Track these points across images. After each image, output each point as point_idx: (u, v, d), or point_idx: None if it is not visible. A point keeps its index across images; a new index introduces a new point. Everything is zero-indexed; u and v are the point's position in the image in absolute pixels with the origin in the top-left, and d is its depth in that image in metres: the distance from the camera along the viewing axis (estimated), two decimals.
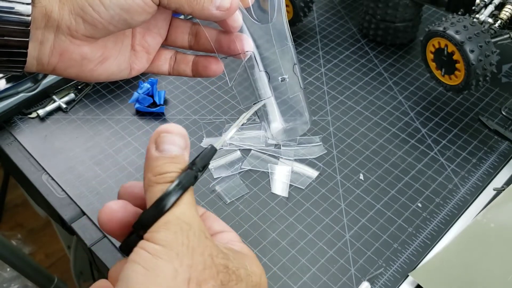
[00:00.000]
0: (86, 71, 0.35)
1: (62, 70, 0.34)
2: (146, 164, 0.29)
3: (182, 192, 0.28)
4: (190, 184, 0.28)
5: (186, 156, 0.29)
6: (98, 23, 0.32)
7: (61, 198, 0.54)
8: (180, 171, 0.28)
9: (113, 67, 0.36)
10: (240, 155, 0.56)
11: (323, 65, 0.67)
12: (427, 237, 0.49)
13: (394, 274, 0.46)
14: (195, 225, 0.28)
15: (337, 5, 0.77)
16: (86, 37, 0.33)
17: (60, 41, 0.33)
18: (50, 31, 0.32)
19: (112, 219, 0.29)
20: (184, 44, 0.39)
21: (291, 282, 0.46)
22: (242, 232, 0.50)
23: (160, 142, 0.29)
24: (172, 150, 0.29)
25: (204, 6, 0.33)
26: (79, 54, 0.34)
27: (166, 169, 0.28)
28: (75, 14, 0.31)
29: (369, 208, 0.51)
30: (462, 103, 0.61)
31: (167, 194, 0.27)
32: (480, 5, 0.56)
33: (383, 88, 0.64)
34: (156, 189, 0.28)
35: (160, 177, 0.28)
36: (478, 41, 0.51)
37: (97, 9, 0.31)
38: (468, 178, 0.53)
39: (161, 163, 0.28)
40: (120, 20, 0.32)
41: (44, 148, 0.58)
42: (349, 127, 0.59)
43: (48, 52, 0.33)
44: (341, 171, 0.55)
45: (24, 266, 0.85)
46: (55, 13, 0.31)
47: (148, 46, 0.38)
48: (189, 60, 0.39)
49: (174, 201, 0.27)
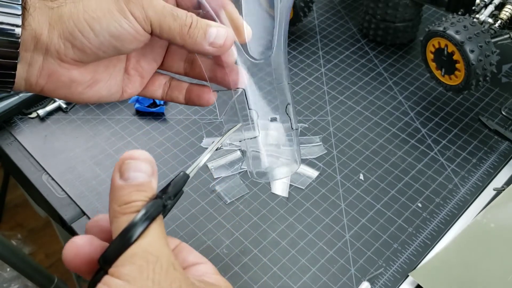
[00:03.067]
0: (75, 93, 0.35)
1: (51, 91, 0.34)
2: (110, 194, 0.28)
3: (150, 222, 0.26)
4: (158, 213, 0.27)
5: (153, 183, 0.28)
6: (87, 48, 0.32)
7: (61, 198, 0.54)
8: (147, 199, 0.27)
9: (103, 90, 0.36)
10: (240, 155, 0.56)
11: (323, 65, 0.67)
12: (427, 237, 0.49)
13: (394, 274, 0.46)
14: (163, 256, 0.26)
15: (337, 5, 0.77)
16: (75, 61, 0.33)
17: (49, 64, 0.32)
18: (38, 53, 0.32)
19: (78, 254, 0.28)
20: (179, 70, 0.39)
21: (291, 282, 0.46)
22: (242, 232, 0.50)
23: (124, 170, 0.28)
24: (138, 178, 0.27)
25: (197, 41, 0.33)
26: (68, 77, 0.33)
27: (132, 198, 0.27)
28: (64, 38, 0.31)
29: (369, 208, 0.51)
30: (462, 103, 0.61)
31: (133, 225, 0.26)
32: (480, 5, 0.56)
33: (383, 88, 0.64)
34: (122, 220, 0.26)
35: (125, 207, 0.27)
36: (478, 41, 0.51)
37: (87, 35, 0.31)
38: (468, 178, 0.53)
39: (126, 192, 0.27)
40: (110, 47, 0.32)
41: (44, 148, 0.58)
42: (349, 127, 0.59)
43: (37, 73, 0.33)
44: (341, 171, 0.55)
45: (24, 266, 0.84)
46: (44, 36, 0.31)
47: (143, 71, 0.38)
48: (183, 87, 0.39)
49: (140, 232, 0.26)
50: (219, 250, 0.48)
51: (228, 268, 0.47)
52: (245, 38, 0.36)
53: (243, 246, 0.49)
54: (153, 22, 0.32)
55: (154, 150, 0.58)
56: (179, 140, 0.59)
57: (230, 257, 0.48)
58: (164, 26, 0.32)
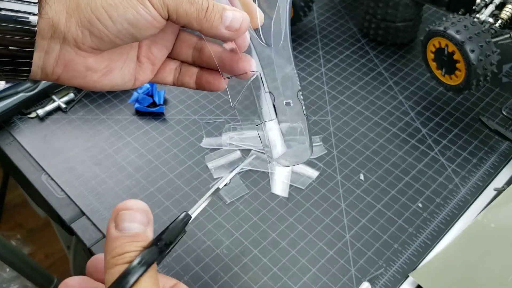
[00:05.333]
0: (90, 82, 0.35)
1: (66, 80, 0.34)
2: (105, 245, 0.28)
3: (145, 269, 0.27)
4: (154, 261, 0.27)
5: (149, 232, 0.29)
6: (105, 36, 0.32)
7: (60, 198, 0.54)
8: (141, 249, 0.27)
9: (118, 78, 0.36)
10: (240, 155, 0.56)
11: (323, 65, 0.67)
12: (427, 238, 0.48)
13: (394, 275, 0.46)
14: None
15: (338, 5, 0.77)
16: (92, 49, 0.33)
17: (66, 52, 0.32)
18: (56, 42, 0.32)
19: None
20: (188, 58, 0.39)
21: (291, 282, 0.46)
22: (242, 232, 0.50)
23: (119, 221, 0.28)
24: (132, 228, 0.28)
25: (214, 25, 0.33)
26: (84, 65, 0.33)
27: (125, 249, 0.27)
28: (82, 26, 0.31)
29: (370, 208, 0.51)
30: (463, 103, 0.61)
31: (127, 273, 0.26)
32: (480, 5, 0.56)
33: (383, 88, 0.64)
34: (114, 271, 0.27)
35: (118, 258, 0.27)
36: (478, 41, 0.51)
37: (105, 23, 0.31)
38: (469, 178, 0.53)
39: (120, 243, 0.27)
40: (127, 34, 0.32)
41: (44, 148, 0.58)
42: (349, 127, 0.59)
43: (53, 62, 0.33)
44: (341, 171, 0.55)
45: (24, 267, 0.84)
46: (61, 25, 0.31)
47: (154, 58, 0.38)
48: (193, 72, 0.39)
49: (134, 281, 0.26)
50: (219, 251, 0.48)
51: (228, 269, 0.47)
52: (257, 23, 0.36)
53: (243, 247, 0.49)
54: (170, 8, 0.32)
55: (153, 150, 0.57)
56: (179, 140, 0.59)
57: (230, 257, 0.48)
58: (181, 11, 0.32)
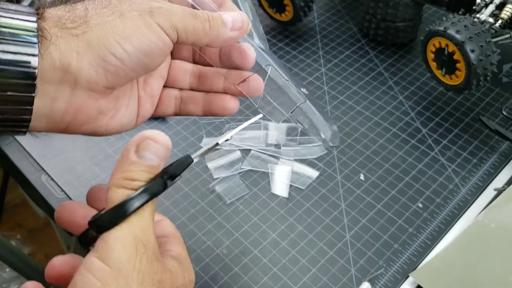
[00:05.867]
0: (102, 126, 0.33)
1: (76, 127, 0.32)
2: (119, 163, 0.28)
3: (147, 199, 0.27)
4: (158, 192, 0.28)
5: (161, 167, 0.29)
6: (121, 71, 0.30)
7: (60, 198, 0.54)
8: (149, 180, 0.28)
9: (124, 118, 0.35)
10: (240, 155, 0.56)
11: (323, 65, 0.67)
12: (427, 238, 0.48)
13: (394, 275, 0.46)
14: (150, 247, 0.27)
15: (338, 5, 0.77)
16: (105, 89, 0.31)
17: (77, 96, 0.30)
18: (65, 86, 0.29)
19: (71, 213, 0.32)
20: (184, 85, 0.38)
21: (291, 282, 0.46)
22: (242, 232, 0.50)
23: (142, 148, 0.28)
24: (152, 161, 0.28)
25: (220, 31, 0.33)
26: (96, 108, 0.32)
27: (137, 177, 0.28)
28: (96, 65, 0.29)
29: (370, 209, 0.51)
30: (463, 103, 0.61)
31: (132, 198, 0.27)
32: (480, 5, 0.56)
33: (383, 88, 0.64)
34: (120, 192, 0.27)
35: (128, 182, 0.27)
36: (478, 41, 0.51)
37: (120, 57, 0.30)
38: (469, 178, 0.53)
39: (135, 169, 0.28)
40: (141, 65, 0.31)
41: (44, 148, 0.58)
42: (349, 127, 0.59)
43: (62, 108, 0.30)
44: (341, 171, 0.55)
45: (24, 267, 0.84)
46: (73, 67, 0.29)
47: (151, 89, 0.37)
48: (198, 99, 0.37)
49: (137, 207, 0.27)
50: (219, 251, 0.48)
51: (228, 269, 0.47)
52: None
53: (243, 247, 0.49)
54: (178, 28, 0.31)
55: None
56: (179, 140, 0.59)
57: (230, 257, 0.48)
58: (189, 28, 0.32)
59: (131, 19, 0.30)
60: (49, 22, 0.29)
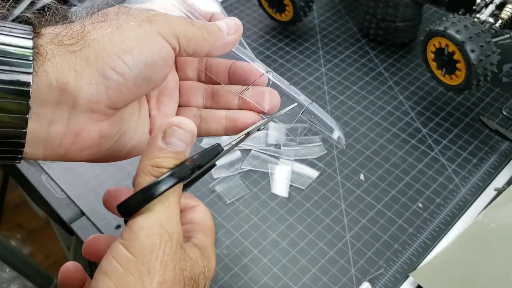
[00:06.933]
0: (103, 152, 0.31)
1: (76, 153, 0.30)
2: (147, 150, 0.28)
3: (174, 183, 0.28)
4: (184, 176, 0.28)
5: (187, 153, 0.29)
6: (123, 87, 0.29)
7: (60, 198, 0.54)
8: (175, 166, 0.29)
9: (132, 142, 0.33)
10: (240, 155, 0.56)
11: (323, 65, 0.67)
12: (427, 238, 0.48)
13: (394, 275, 0.46)
14: (175, 236, 0.28)
15: (338, 5, 0.77)
16: (107, 109, 0.29)
17: (77, 119, 0.28)
18: (63, 108, 0.27)
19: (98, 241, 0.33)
20: (198, 105, 0.37)
21: (291, 282, 0.46)
22: (242, 233, 0.50)
23: (169, 134, 0.28)
24: (179, 147, 0.28)
25: (218, 36, 0.33)
26: (98, 132, 0.30)
27: (165, 164, 0.28)
28: (96, 82, 0.27)
29: (370, 209, 0.51)
30: (463, 103, 0.61)
31: (158, 182, 0.27)
32: (481, 5, 0.56)
33: (383, 88, 0.64)
34: (148, 178, 0.28)
35: (156, 170, 0.28)
36: (478, 41, 0.51)
37: (121, 70, 0.28)
38: (469, 178, 0.53)
39: (163, 156, 0.28)
40: (144, 79, 0.29)
41: None
42: (349, 127, 0.59)
43: (61, 133, 0.28)
44: (341, 171, 0.55)
45: (24, 267, 0.84)
46: (71, 86, 0.27)
47: (165, 109, 0.35)
48: (219, 116, 0.36)
49: (163, 190, 0.27)
50: (219, 251, 0.48)
51: (228, 269, 0.47)
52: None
53: (243, 247, 0.49)
54: (179, 35, 0.30)
55: None
56: None
57: (230, 257, 0.48)
58: (189, 35, 0.31)
59: (129, 30, 0.29)
60: (45, 38, 0.27)
